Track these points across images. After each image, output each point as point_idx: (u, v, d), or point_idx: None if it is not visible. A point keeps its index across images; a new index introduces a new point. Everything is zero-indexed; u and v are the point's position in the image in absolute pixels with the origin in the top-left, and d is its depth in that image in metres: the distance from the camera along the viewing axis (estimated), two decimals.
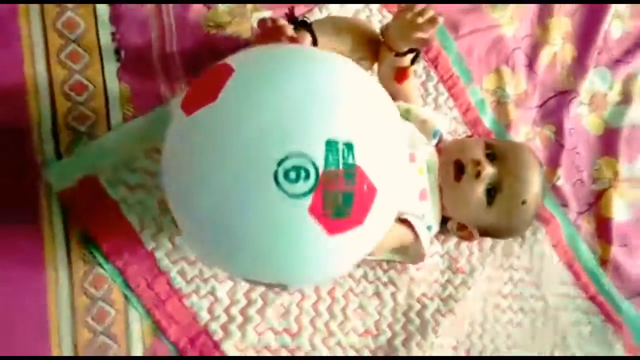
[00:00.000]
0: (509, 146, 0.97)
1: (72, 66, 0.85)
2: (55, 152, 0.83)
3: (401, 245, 0.90)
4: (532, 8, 1.21)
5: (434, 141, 0.96)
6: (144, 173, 0.87)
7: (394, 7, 1.04)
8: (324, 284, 0.92)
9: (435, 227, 0.95)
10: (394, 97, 0.92)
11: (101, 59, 0.87)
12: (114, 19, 0.87)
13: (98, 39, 0.86)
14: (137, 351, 0.83)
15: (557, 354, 1.08)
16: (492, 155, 0.91)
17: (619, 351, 1.13)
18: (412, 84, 0.97)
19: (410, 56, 0.89)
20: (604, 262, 1.16)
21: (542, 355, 1.07)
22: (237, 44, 0.91)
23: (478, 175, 0.88)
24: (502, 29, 1.16)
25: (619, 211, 1.18)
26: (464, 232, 0.96)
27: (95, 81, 0.86)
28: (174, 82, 0.88)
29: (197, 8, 0.91)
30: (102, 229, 0.83)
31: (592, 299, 1.14)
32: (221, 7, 0.92)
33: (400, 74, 0.92)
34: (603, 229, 1.17)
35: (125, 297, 0.84)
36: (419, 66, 1.08)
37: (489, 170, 0.89)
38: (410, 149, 0.90)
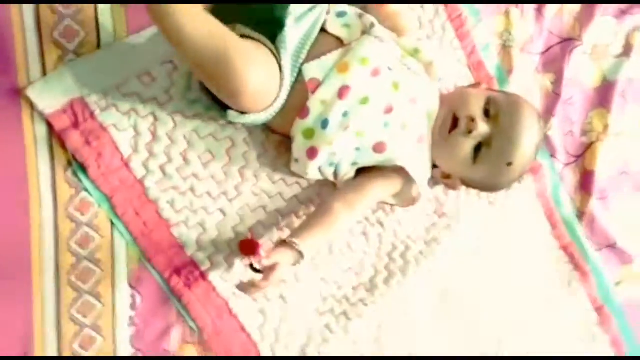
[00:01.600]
0: (511, 103, 0.91)
1: None
2: (41, 71, 0.77)
3: (395, 192, 0.90)
4: None
5: (438, 84, 0.93)
6: (136, 97, 0.82)
7: None
8: None
9: (428, 173, 0.95)
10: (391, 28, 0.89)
11: None
12: None
13: None
14: (121, 277, 0.83)
15: (525, 297, 1.13)
16: (488, 112, 0.89)
17: (581, 297, 1.19)
18: (402, 12, 0.93)
19: None
20: (581, 213, 1.19)
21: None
22: None
23: (470, 132, 0.87)
24: None
25: (603, 165, 1.20)
26: (448, 180, 0.96)
27: None
28: None
29: None
30: (91, 153, 0.79)
31: (564, 248, 1.18)
32: None
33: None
34: (585, 181, 1.19)
35: (112, 223, 0.83)
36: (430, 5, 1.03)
37: (481, 128, 0.87)
38: (414, 91, 0.88)
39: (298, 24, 0.81)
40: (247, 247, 0.79)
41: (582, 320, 1.20)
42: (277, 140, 0.91)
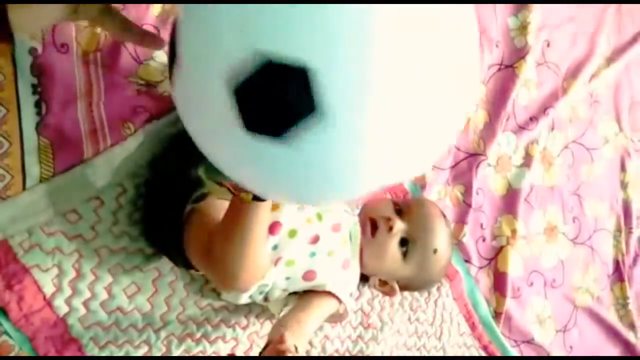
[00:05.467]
0: (413, 202, 1.08)
1: None
2: None
3: (329, 315, 0.94)
4: None
5: (357, 211, 1.00)
6: (61, 236, 0.83)
7: None
8: None
9: (355, 292, 1.00)
10: None
11: (19, 113, 0.81)
12: (36, 69, 0.81)
13: (17, 91, 0.80)
14: None
15: None
16: (400, 211, 0.99)
17: None
18: None
19: None
20: (498, 314, 1.27)
21: None
22: (166, 104, 0.88)
23: (391, 229, 0.95)
24: None
25: (514, 266, 1.29)
26: (386, 287, 1.02)
27: (11, 137, 0.80)
28: (98, 141, 0.84)
29: (127, 61, 0.88)
30: (12, 297, 0.79)
31: (484, 348, 1.24)
32: (153, 63, 0.89)
33: None
34: (499, 283, 1.28)
35: None
36: None
37: (399, 224, 0.96)
38: (336, 218, 0.94)
39: None
40: None
41: None
42: None
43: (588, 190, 1.46)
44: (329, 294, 0.91)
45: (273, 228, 0.85)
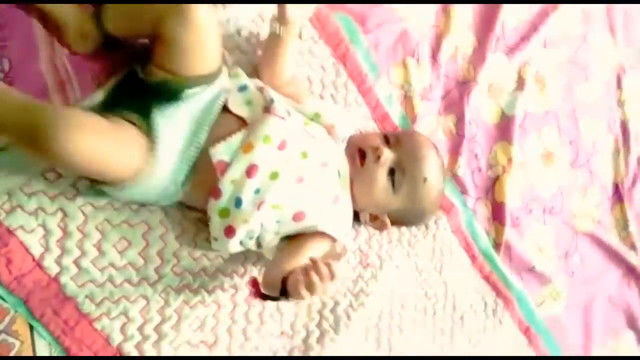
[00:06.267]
0: (402, 133, 1.08)
1: None
2: None
3: (325, 255, 0.92)
4: None
5: (343, 145, 0.97)
6: (42, 196, 0.81)
7: None
8: None
9: (349, 228, 0.98)
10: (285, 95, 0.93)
11: None
12: None
13: None
14: None
15: (455, 332, 1.18)
16: (389, 142, 0.97)
17: (508, 323, 1.25)
18: (296, 82, 0.99)
19: None
20: (497, 244, 1.26)
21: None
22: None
23: (378, 158, 0.93)
24: (408, 21, 1.17)
25: (511, 195, 1.27)
26: (377, 222, 1.00)
27: None
28: (67, 93, 0.81)
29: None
30: (0, 261, 0.77)
31: (486, 278, 1.24)
32: None
33: None
34: (497, 213, 1.26)
35: (31, 327, 0.80)
36: (329, 62, 1.07)
37: (387, 153, 0.94)
38: (323, 155, 0.91)
39: (194, 100, 0.82)
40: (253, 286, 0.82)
41: (512, 345, 1.26)
42: (195, 217, 0.91)
43: (584, 112, 1.42)
44: (322, 234, 0.89)
45: (250, 171, 0.83)
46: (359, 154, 0.96)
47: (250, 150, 0.83)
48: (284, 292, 0.76)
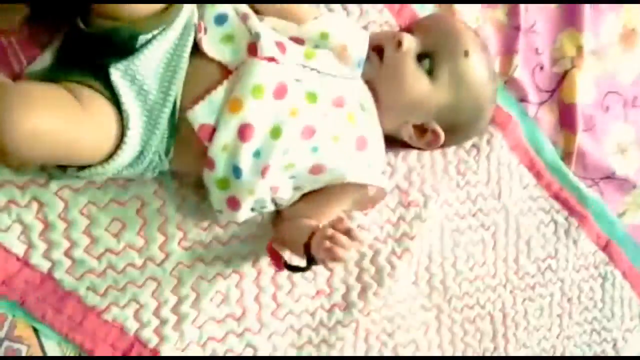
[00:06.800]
0: (423, 17, 0.90)
1: None
2: None
3: (355, 202, 0.80)
4: None
5: (359, 70, 0.77)
6: (11, 186, 0.69)
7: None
8: None
9: (383, 164, 0.84)
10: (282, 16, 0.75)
11: None
12: None
13: None
14: None
15: (521, 260, 1.03)
16: (410, 30, 0.81)
17: (585, 243, 1.09)
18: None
19: None
20: (567, 154, 1.06)
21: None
22: None
23: (399, 45, 0.77)
24: None
25: (584, 92, 1.05)
26: (425, 135, 0.83)
27: None
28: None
29: None
30: None
31: (555, 196, 1.06)
32: None
33: None
34: (566, 117, 1.05)
35: (34, 329, 0.73)
36: None
37: (407, 37, 0.78)
38: (336, 90, 0.73)
39: (153, 48, 0.64)
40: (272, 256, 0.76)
41: (589, 266, 1.11)
42: (193, 182, 0.78)
43: None
44: (349, 184, 0.74)
45: (243, 133, 0.67)
46: (376, 51, 0.78)
47: (239, 108, 0.66)
48: (310, 260, 0.68)
